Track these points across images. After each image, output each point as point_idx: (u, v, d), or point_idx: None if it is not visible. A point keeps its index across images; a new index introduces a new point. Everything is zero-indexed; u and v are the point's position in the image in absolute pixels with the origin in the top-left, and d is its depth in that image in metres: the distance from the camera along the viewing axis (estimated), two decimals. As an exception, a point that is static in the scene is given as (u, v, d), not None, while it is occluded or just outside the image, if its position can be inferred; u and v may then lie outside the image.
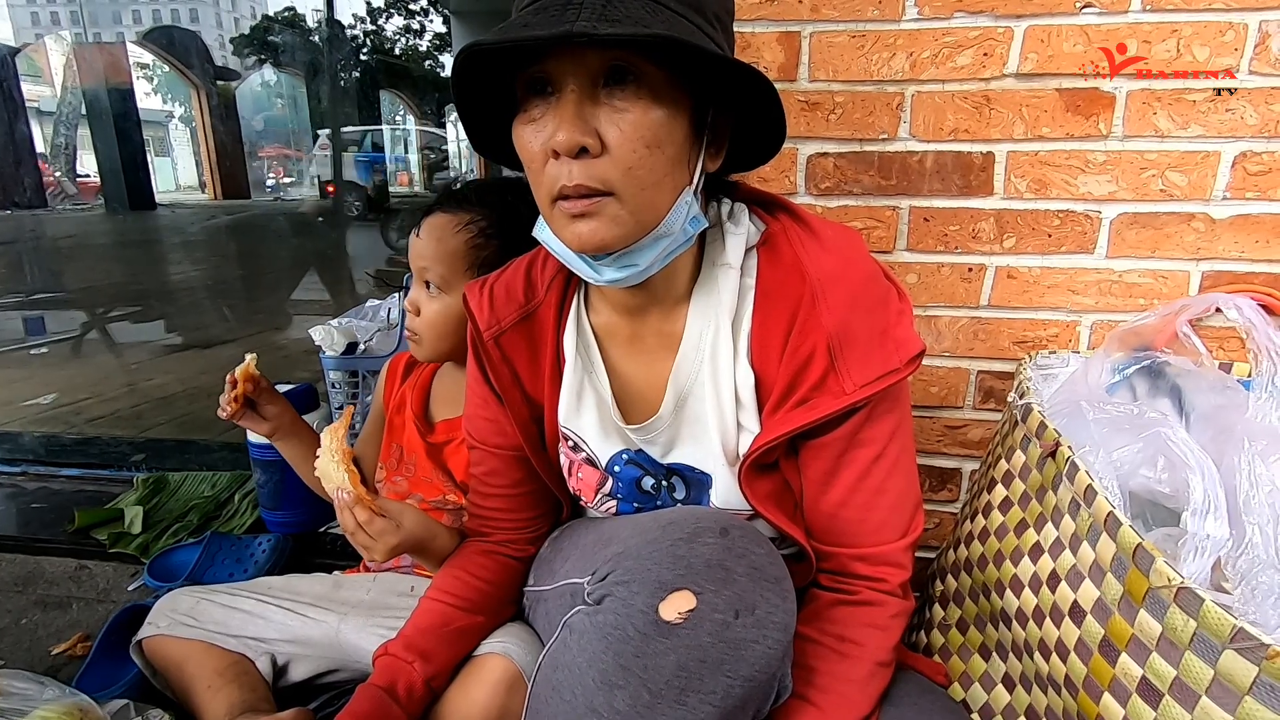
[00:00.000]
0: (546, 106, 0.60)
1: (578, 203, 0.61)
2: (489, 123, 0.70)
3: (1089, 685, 0.63)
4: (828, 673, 0.69)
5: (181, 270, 5.19)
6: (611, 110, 0.59)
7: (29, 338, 3.37)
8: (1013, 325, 1.09)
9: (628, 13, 0.55)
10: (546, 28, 0.54)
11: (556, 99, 0.60)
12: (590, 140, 0.58)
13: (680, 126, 0.61)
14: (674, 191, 0.63)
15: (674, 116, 0.60)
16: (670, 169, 0.62)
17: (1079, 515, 0.67)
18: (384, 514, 0.83)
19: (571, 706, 0.62)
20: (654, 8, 0.57)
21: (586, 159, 0.59)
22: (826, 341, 0.66)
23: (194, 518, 1.49)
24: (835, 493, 0.70)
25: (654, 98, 0.59)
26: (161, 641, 0.99)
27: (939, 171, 1.04)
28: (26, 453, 1.90)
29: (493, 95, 0.67)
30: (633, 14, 0.55)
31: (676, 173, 0.63)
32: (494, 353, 0.78)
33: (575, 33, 0.53)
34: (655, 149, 0.60)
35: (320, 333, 1.29)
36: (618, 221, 0.61)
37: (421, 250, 1.00)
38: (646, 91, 0.59)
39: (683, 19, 0.58)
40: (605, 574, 0.64)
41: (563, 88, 0.59)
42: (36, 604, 1.31)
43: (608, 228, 0.61)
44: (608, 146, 0.59)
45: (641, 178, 0.60)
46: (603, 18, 0.54)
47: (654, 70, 0.59)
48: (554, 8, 0.56)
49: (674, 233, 0.65)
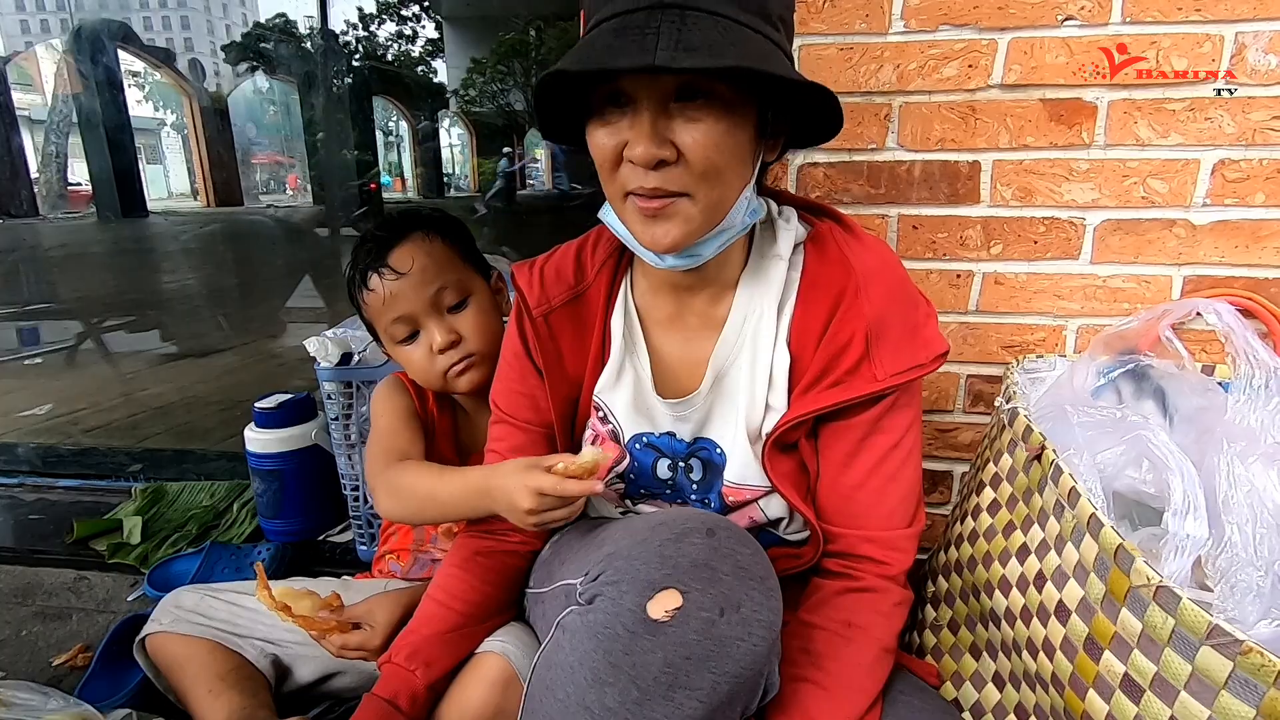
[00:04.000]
0: (622, 115, 0.64)
1: (652, 202, 0.65)
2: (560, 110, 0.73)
3: (1075, 682, 0.65)
4: (834, 657, 0.71)
5: (176, 278, 5.18)
6: (685, 120, 0.62)
7: (23, 348, 3.36)
8: (1000, 330, 1.11)
9: (705, 38, 0.58)
10: (629, 57, 0.57)
11: (632, 111, 0.63)
12: (667, 152, 0.62)
13: (746, 129, 0.65)
14: (739, 189, 0.68)
15: (741, 122, 0.64)
16: (737, 169, 0.66)
17: (1064, 517, 0.69)
18: (356, 623, 0.92)
19: (564, 704, 0.64)
20: (726, 25, 0.59)
21: (666, 168, 0.63)
22: (865, 330, 0.71)
23: (193, 527, 1.50)
24: (853, 475, 0.74)
25: (724, 108, 0.62)
26: (165, 639, 0.99)
27: (927, 180, 1.07)
28: (23, 464, 1.90)
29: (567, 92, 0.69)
30: (709, 38, 0.58)
31: (742, 171, 0.67)
32: (542, 330, 0.81)
33: (657, 65, 0.56)
34: (725, 153, 0.64)
35: (314, 344, 1.29)
36: (689, 221, 0.66)
37: (421, 278, 0.95)
38: (717, 103, 0.62)
39: (752, 31, 0.61)
40: (597, 574, 0.66)
41: (638, 102, 0.63)
42: (36, 615, 1.31)
43: (680, 228, 0.66)
44: (683, 154, 0.63)
45: (713, 180, 0.65)
46: (680, 45, 0.57)
47: (724, 86, 0.62)
48: (633, 30, 0.59)
49: (735, 225, 0.70)
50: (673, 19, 0.58)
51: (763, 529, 0.82)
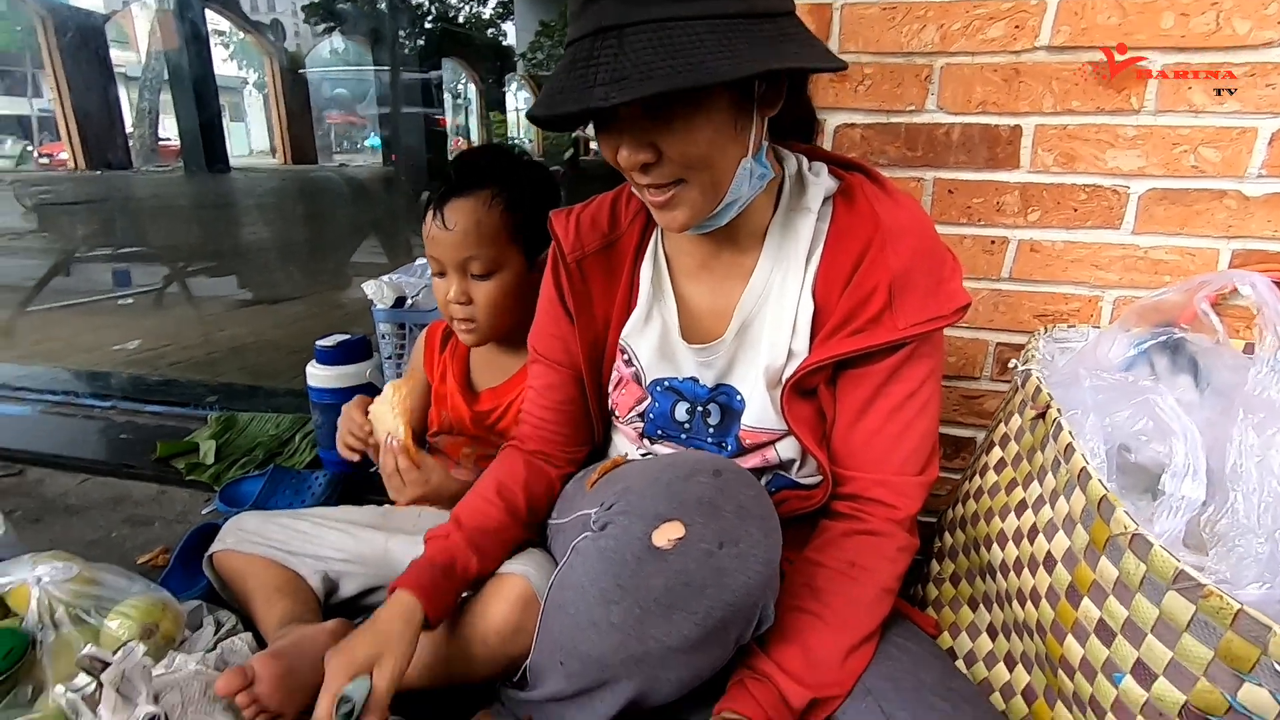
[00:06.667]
0: (609, 129, 0.69)
1: (656, 196, 0.71)
2: None
3: (1055, 628, 0.67)
4: (835, 593, 0.75)
5: (253, 231, 5.47)
6: (657, 124, 0.66)
7: (116, 289, 3.64)
8: (1033, 299, 1.10)
9: (636, 61, 0.60)
10: (573, 101, 0.62)
11: (616, 125, 0.68)
12: (645, 156, 0.67)
13: (724, 114, 0.67)
14: (734, 164, 0.70)
15: (717, 111, 0.67)
16: (725, 148, 0.69)
17: (1059, 472, 0.70)
18: (419, 466, 0.98)
19: (575, 620, 0.71)
20: (665, 35, 0.61)
21: (651, 168, 0.69)
22: (889, 281, 0.74)
23: (259, 453, 1.64)
24: (869, 421, 0.78)
25: (694, 106, 0.66)
26: (229, 556, 1.11)
27: (965, 144, 1.06)
28: (116, 390, 2.10)
29: None
30: (640, 60, 0.60)
31: (732, 150, 0.70)
32: (575, 275, 0.86)
33: (591, 109, 0.61)
34: (703, 143, 0.67)
35: (372, 287, 1.39)
36: (693, 204, 0.71)
37: (459, 240, 1.00)
38: (688, 103, 0.65)
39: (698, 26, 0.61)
40: (610, 504, 0.71)
41: (617, 116, 0.67)
42: (124, 521, 1.47)
43: (686, 212, 0.72)
44: (665, 155, 0.68)
45: (700, 167, 0.69)
46: (615, 75, 0.61)
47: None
48: (580, 64, 0.63)
49: (743, 194, 0.73)
50: (610, 45, 0.62)
51: (775, 471, 0.85)
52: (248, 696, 0.82)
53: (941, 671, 0.74)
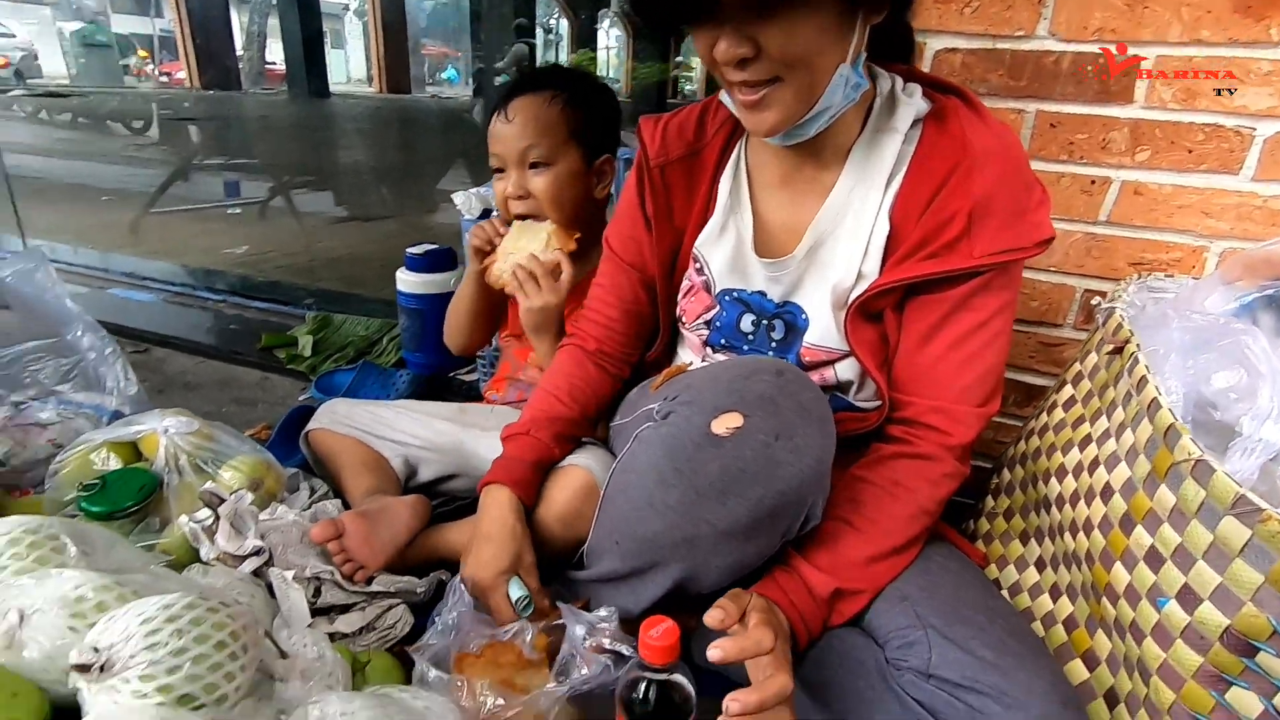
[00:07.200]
0: (710, 19, 0.68)
1: (750, 94, 0.70)
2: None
3: (1104, 556, 0.68)
4: (874, 506, 0.77)
5: (349, 154, 5.70)
6: (765, 20, 0.66)
7: (226, 199, 3.91)
8: (1131, 245, 1.05)
9: None
10: None
11: (717, 17, 0.68)
12: (745, 50, 0.67)
13: (829, 15, 0.67)
14: (832, 67, 0.70)
15: (822, 10, 0.66)
16: (826, 50, 0.69)
17: (1129, 405, 0.69)
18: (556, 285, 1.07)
19: (633, 502, 0.75)
20: None
21: (749, 63, 0.68)
22: (970, 207, 0.73)
23: (350, 351, 1.77)
24: (934, 347, 0.78)
25: (800, 1, 0.65)
26: (323, 434, 1.22)
27: (1075, 74, 1.00)
28: (226, 287, 2.29)
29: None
30: None
31: (832, 53, 0.69)
32: (657, 181, 0.89)
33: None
34: (804, 40, 0.67)
35: (461, 198, 1.45)
36: (785, 106, 0.70)
37: (519, 131, 1.06)
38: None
39: None
40: (673, 397, 0.75)
41: (717, 11, 0.67)
42: (232, 400, 1.63)
43: (777, 114, 0.71)
44: (763, 50, 0.67)
45: (799, 66, 0.68)
46: None
47: None
48: None
49: (835, 103, 0.72)
50: None
51: (833, 393, 0.87)
52: (337, 545, 0.93)
53: (981, 592, 0.76)
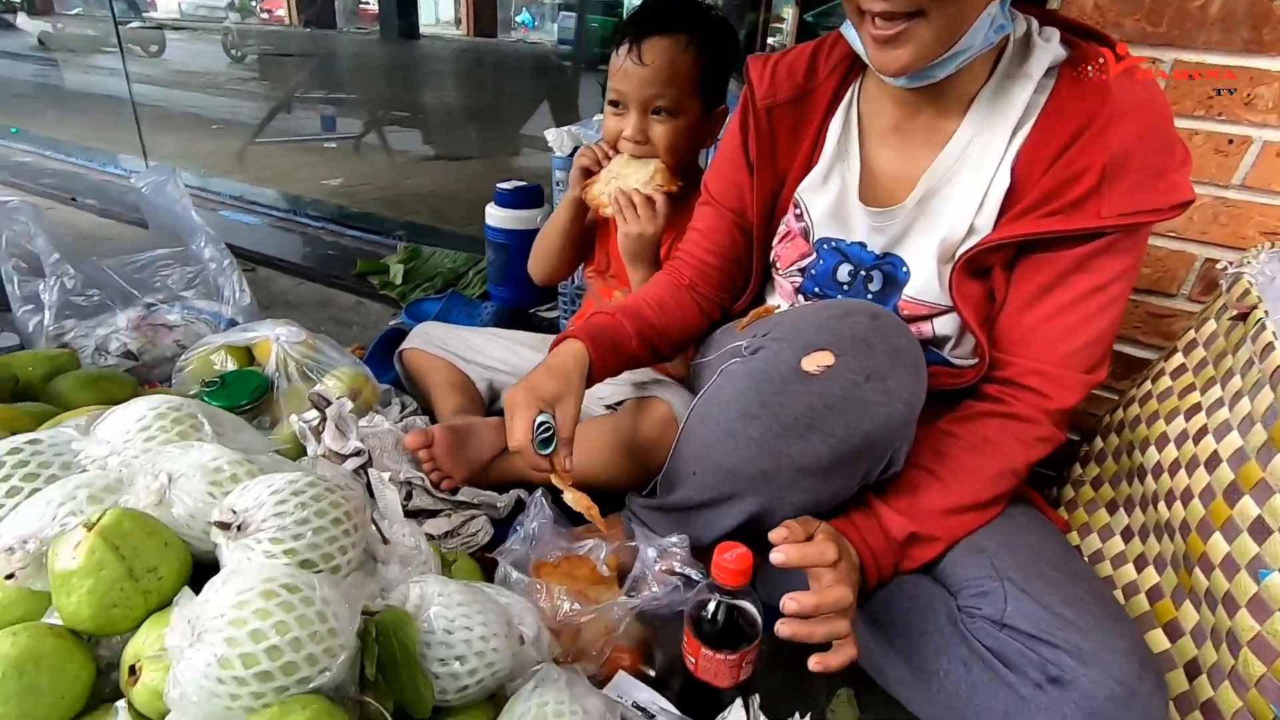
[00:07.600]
0: None
1: (886, 28, 0.66)
2: None
3: (1202, 526, 0.65)
4: (960, 460, 0.75)
5: (437, 95, 5.78)
6: None
7: (323, 133, 4.05)
8: (1266, 212, 0.98)
9: None
10: None
11: None
12: None
13: None
14: (980, 7, 0.65)
15: None
16: None
17: (1249, 373, 0.66)
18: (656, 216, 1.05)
19: (714, 431, 0.77)
20: None
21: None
22: (1104, 163, 0.68)
23: (439, 281, 1.83)
24: (1044, 308, 0.74)
25: None
26: (415, 355, 1.29)
27: (1224, 20, 0.92)
28: (324, 215, 2.41)
29: None
30: None
31: None
32: (763, 122, 0.85)
33: None
34: None
35: (552, 134, 1.47)
36: (922, 45, 0.65)
37: (651, 76, 1.01)
38: None
39: None
40: (764, 333, 0.75)
41: None
42: (329, 319, 1.73)
43: (912, 53, 0.66)
44: None
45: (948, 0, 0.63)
46: None
47: None
48: None
49: (975, 45, 0.68)
50: None
51: (928, 347, 0.83)
52: (427, 454, 0.99)
53: (1062, 552, 0.74)
